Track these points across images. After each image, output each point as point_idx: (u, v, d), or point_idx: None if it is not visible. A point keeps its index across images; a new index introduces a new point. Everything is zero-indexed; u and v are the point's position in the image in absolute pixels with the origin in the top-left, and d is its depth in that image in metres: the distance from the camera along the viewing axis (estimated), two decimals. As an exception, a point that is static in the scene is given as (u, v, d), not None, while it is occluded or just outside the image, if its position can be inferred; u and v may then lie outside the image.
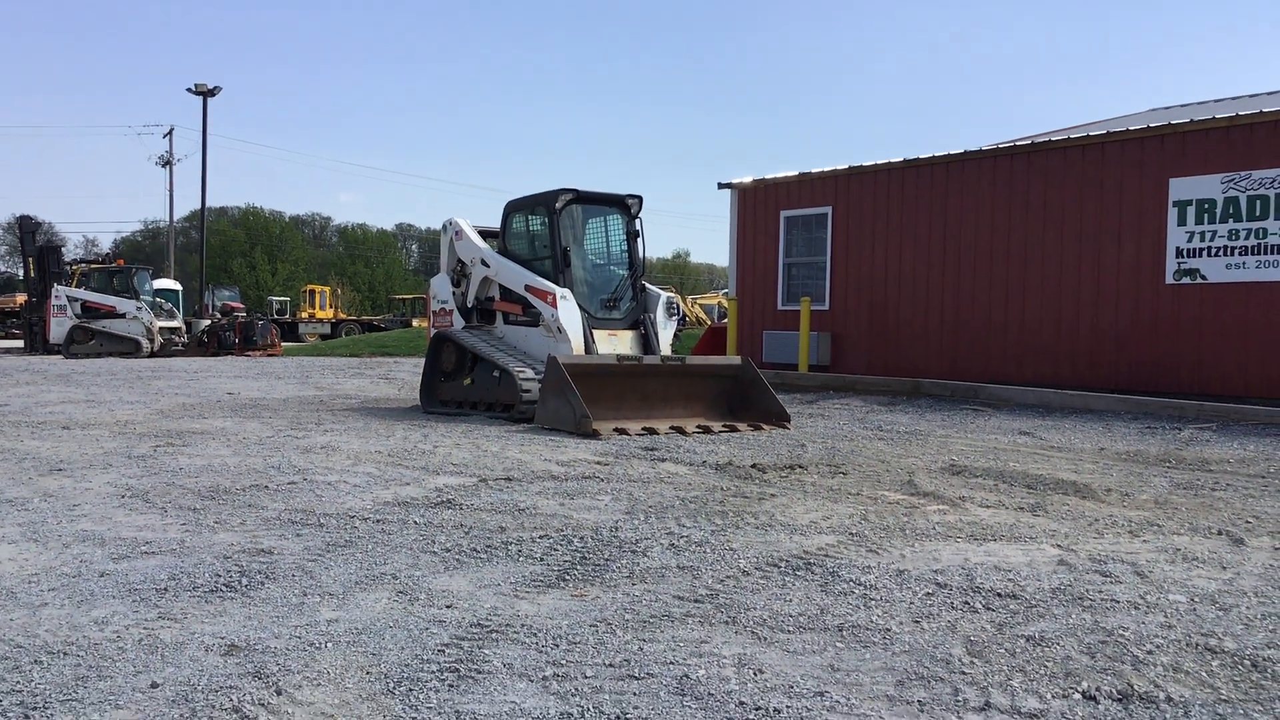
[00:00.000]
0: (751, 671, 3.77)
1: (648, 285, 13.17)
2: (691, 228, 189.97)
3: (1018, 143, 17.07)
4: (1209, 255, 14.18)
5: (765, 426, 11.53)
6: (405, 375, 21.54)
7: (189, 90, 45.89)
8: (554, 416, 10.96)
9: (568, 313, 12.09)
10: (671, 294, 13.20)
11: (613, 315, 12.80)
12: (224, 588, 4.76)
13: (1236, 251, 13.93)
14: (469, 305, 13.85)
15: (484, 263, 13.59)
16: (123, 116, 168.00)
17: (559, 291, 12.19)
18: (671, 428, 11.04)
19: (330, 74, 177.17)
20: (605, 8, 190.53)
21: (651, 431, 10.84)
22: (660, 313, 12.79)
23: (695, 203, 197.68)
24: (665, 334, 12.76)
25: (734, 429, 11.34)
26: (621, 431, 10.69)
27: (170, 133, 62.49)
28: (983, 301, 16.79)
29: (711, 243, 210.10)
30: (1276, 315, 13.63)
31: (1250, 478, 8.48)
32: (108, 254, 43.37)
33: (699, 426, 11.19)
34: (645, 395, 11.53)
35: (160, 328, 32.90)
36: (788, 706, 3.45)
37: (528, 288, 12.63)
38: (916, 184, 17.79)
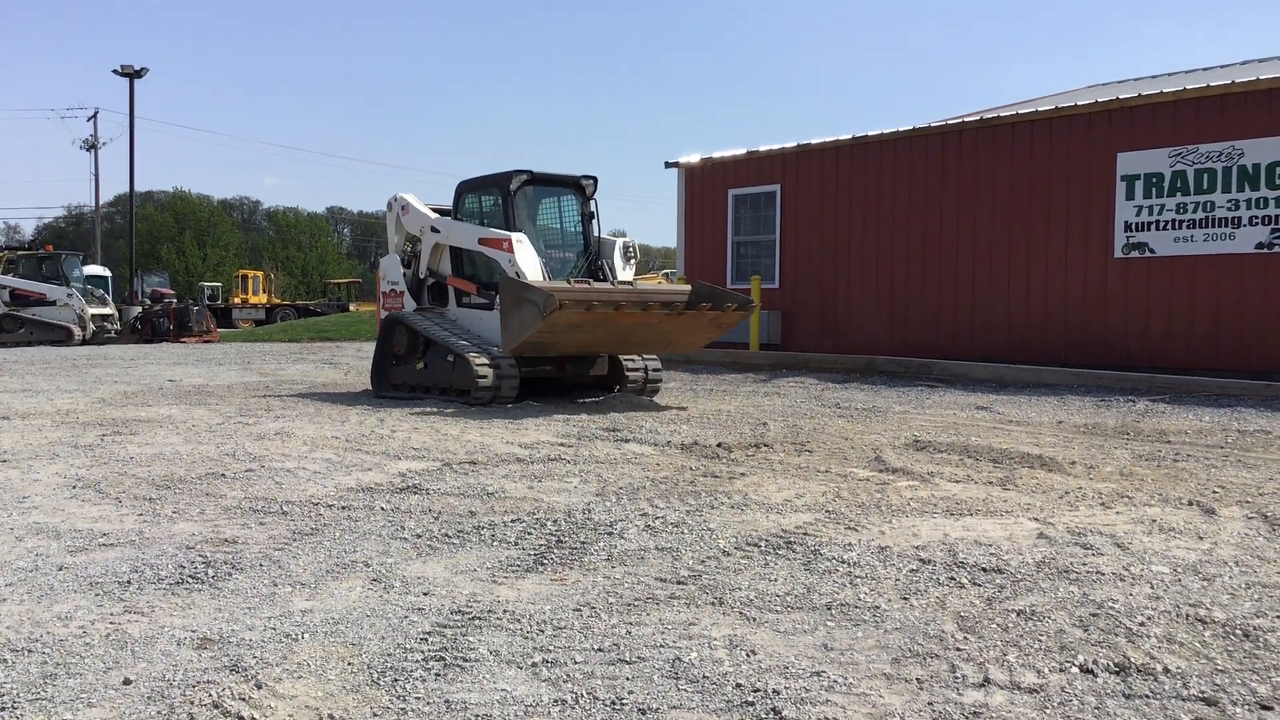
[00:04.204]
0: (744, 653, 3.70)
1: (603, 237, 12.97)
2: (627, 209, 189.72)
3: (966, 119, 17.14)
4: (1157, 229, 14.36)
5: (729, 306, 11.61)
6: (349, 360, 21.24)
7: (115, 72, 44.74)
8: (521, 327, 10.78)
9: (525, 256, 11.81)
10: (627, 239, 12.93)
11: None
12: (190, 579, 4.59)
13: (1184, 225, 14.11)
14: (420, 277, 13.56)
15: (433, 229, 13.33)
16: (45, 99, 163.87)
17: (514, 236, 11.96)
18: (642, 307, 11.09)
19: (253, 54, 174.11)
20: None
21: (617, 307, 10.88)
22: (617, 258, 12.58)
23: (630, 183, 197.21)
24: (625, 278, 12.57)
25: (700, 309, 11.42)
26: (589, 308, 10.67)
27: (95, 115, 61.05)
28: (933, 277, 16.87)
29: (646, 223, 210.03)
30: (1224, 288, 13.85)
31: (1209, 448, 8.58)
32: (34, 240, 42.28)
33: (663, 305, 11.26)
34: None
35: (92, 315, 32.11)
36: (785, 687, 3.39)
37: (481, 240, 12.37)
38: (865, 161, 17.82)
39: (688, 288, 12.12)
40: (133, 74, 44.94)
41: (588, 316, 10.80)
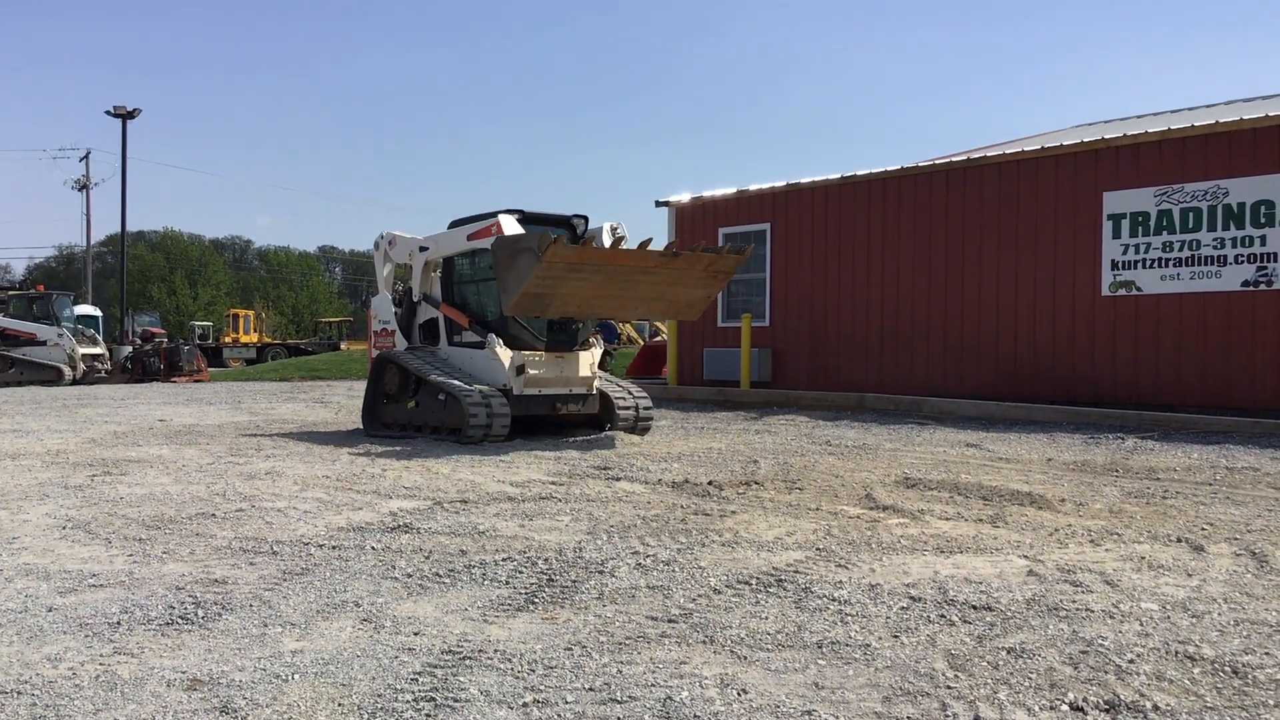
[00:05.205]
0: (735, 692, 3.70)
1: (591, 226, 12.97)
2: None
3: (953, 159, 17.29)
4: (1144, 267, 14.46)
5: (724, 250, 11.66)
6: (340, 399, 21.21)
7: (108, 113, 44.69)
8: (518, 278, 10.79)
9: (513, 229, 11.88)
10: (614, 223, 12.84)
11: (560, 337, 12.57)
12: (179, 620, 4.58)
13: (1171, 263, 14.22)
14: (415, 301, 13.59)
15: (421, 248, 13.42)
16: (37, 140, 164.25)
17: (502, 217, 12.02)
18: (640, 245, 11.13)
19: (245, 94, 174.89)
20: (530, 28, 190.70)
21: (616, 244, 10.93)
22: (605, 238, 12.49)
23: (621, 221, 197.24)
24: None
25: (695, 251, 11.42)
26: (586, 244, 10.69)
27: (87, 156, 61.16)
28: (922, 315, 16.95)
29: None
30: (1211, 325, 13.93)
31: (1198, 485, 8.61)
32: (25, 280, 42.20)
33: (669, 250, 11.28)
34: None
35: (83, 355, 32.02)
36: (777, 727, 3.38)
37: (471, 236, 12.46)
38: (854, 201, 17.94)
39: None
40: (125, 115, 44.90)
41: (584, 255, 10.81)
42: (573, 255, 10.70)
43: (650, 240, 11.20)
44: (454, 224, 13.49)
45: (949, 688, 3.73)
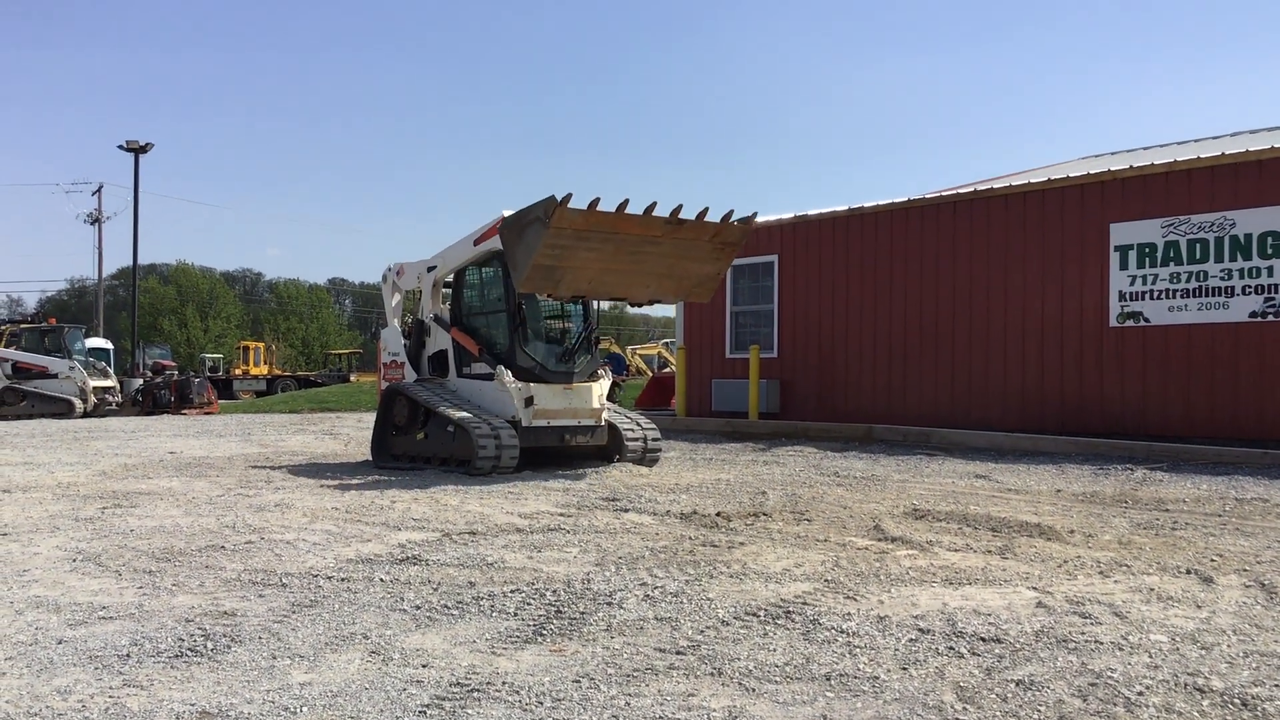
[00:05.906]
0: (743, 724, 3.70)
1: None
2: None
3: (960, 191, 17.34)
4: (1151, 298, 14.47)
5: (727, 216, 11.60)
6: (350, 431, 21.23)
7: (120, 147, 45.04)
8: (528, 251, 10.82)
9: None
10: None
11: (569, 368, 12.58)
12: (189, 652, 4.60)
13: (1178, 294, 14.23)
14: (425, 322, 13.65)
15: (429, 269, 13.52)
16: (50, 174, 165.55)
17: (504, 213, 12.12)
18: (646, 210, 11.02)
19: (257, 127, 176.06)
20: (537, 62, 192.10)
21: (621, 208, 10.84)
22: None
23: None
24: None
25: (699, 219, 11.36)
26: (592, 206, 10.62)
27: (99, 190, 61.50)
28: (930, 346, 16.95)
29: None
30: (1219, 356, 13.91)
31: (1208, 516, 8.58)
32: (37, 313, 42.38)
33: (672, 217, 11.19)
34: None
35: (94, 387, 32.11)
36: (785, 759, 3.38)
37: (476, 241, 12.57)
38: (861, 232, 18.00)
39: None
40: (138, 149, 45.22)
41: (590, 219, 10.77)
42: (579, 220, 10.74)
43: (655, 204, 11.20)
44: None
45: (957, 720, 3.73)
